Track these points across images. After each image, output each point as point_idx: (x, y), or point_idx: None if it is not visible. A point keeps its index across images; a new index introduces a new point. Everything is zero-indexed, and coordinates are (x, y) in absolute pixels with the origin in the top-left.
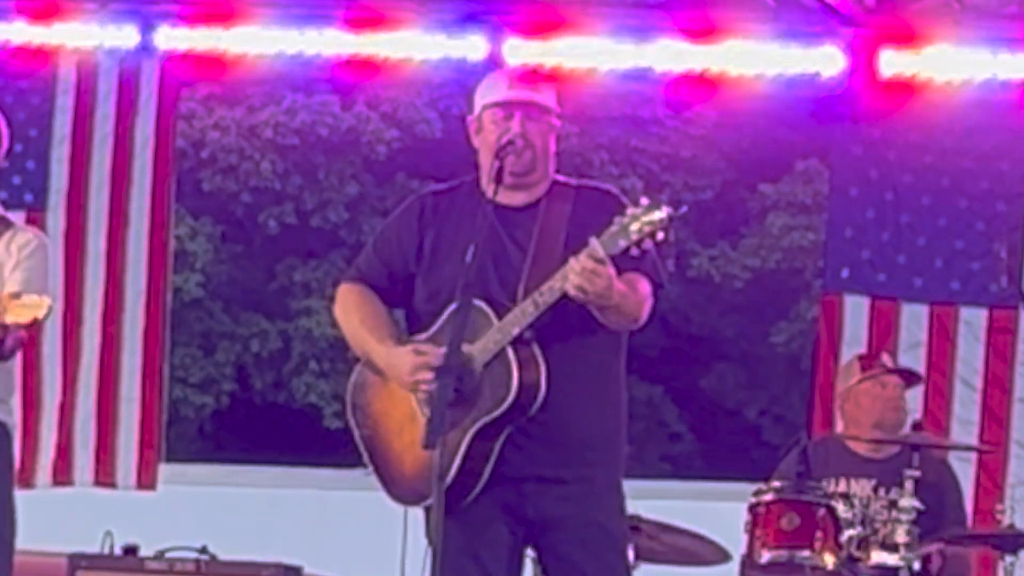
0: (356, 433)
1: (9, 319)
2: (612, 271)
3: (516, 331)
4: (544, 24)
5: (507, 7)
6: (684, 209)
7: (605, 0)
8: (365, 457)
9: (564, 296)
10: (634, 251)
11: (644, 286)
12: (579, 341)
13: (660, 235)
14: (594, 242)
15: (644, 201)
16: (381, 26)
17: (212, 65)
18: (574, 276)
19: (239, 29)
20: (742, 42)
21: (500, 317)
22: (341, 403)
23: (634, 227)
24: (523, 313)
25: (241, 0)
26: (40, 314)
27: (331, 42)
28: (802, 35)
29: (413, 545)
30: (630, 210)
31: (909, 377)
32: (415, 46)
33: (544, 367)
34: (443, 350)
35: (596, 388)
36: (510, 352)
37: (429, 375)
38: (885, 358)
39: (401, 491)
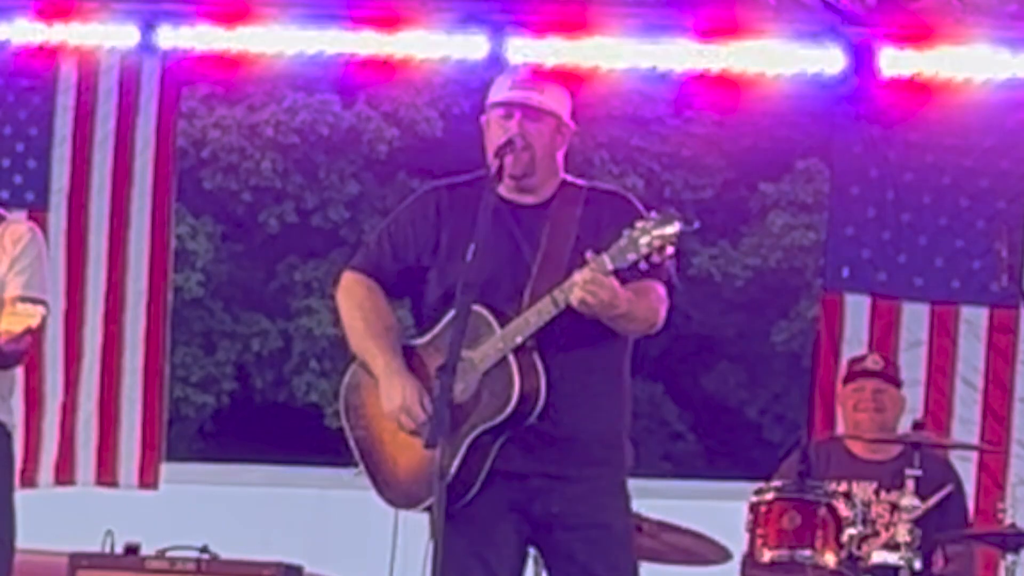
0: (349, 434)
1: (3, 327)
2: (615, 282)
3: (519, 340)
4: (551, 23)
5: (511, 6)
6: (697, 225)
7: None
8: (358, 458)
9: (569, 307)
10: (643, 265)
11: (658, 291)
12: (585, 341)
13: (670, 249)
14: (602, 256)
15: (654, 214)
16: (384, 25)
17: (213, 64)
18: (578, 289)
19: (241, 28)
20: (742, 41)
21: (502, 324)
22: None
23: (644, 240)
24: (526, 323)
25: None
26: (33, 323)
27: (333, 41)
28: (803, 34)
29: (412, 545)
30: (639, 223)
31: (890, 376)
32: (417, 45)
33: (544, 376)
34: (428, 415)
35: (601, 386)
36: (512, 360)
37: (410, 425)
38: (869, 361)
39: (394, 494)
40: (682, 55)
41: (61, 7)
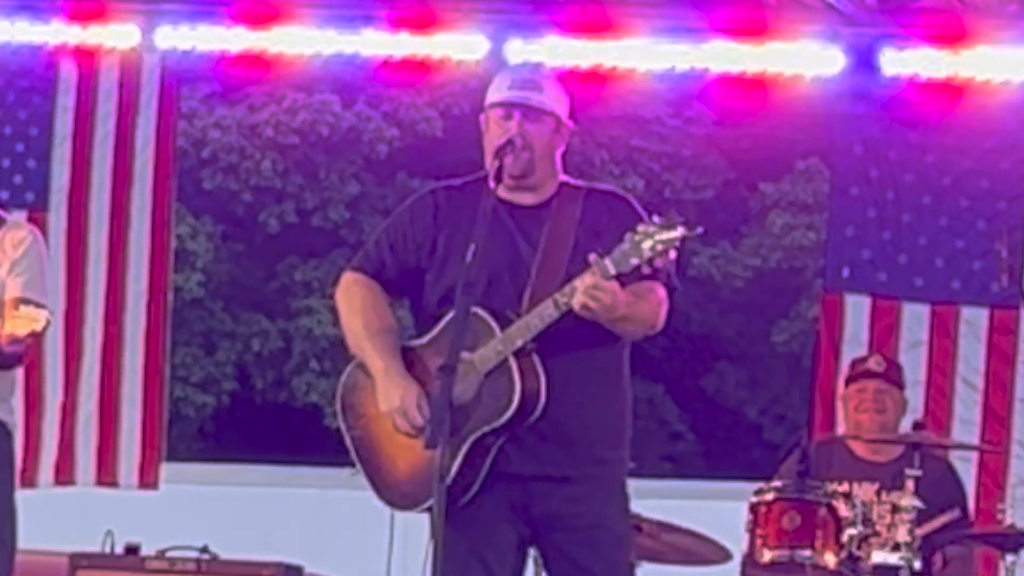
0: (346, 434)
1: (7, 330)
2: (617, 286)
3: (519, 343)
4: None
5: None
6: (700, 230)
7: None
8: (355, 458)
9: (570, 311)
10: (645, 269)
11: (659, 293)
12: (584, 343)
13: (672, 254)
14: (605, 261)
15: (656, 218)
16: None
17: (214, 64)
18: (579, 295)
19: (241, 28)
20: (743, 41)
21: (502, 326)
22: None
23: (646, 244)
24: (527, 327)
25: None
26: (38, 327)
27: (336, 41)
28: (803, 34)
29: (412, 546)
30: (641, 226)
31: (893, 377)
32: (417, 45)
33: (544, 377)
34: (426, 418)
35: (601, 387)
36: (512, 363)
37: (405, 427)
38: (872, 362)
39: (393, 495)
40: (682, 55)
41: (62, 7)
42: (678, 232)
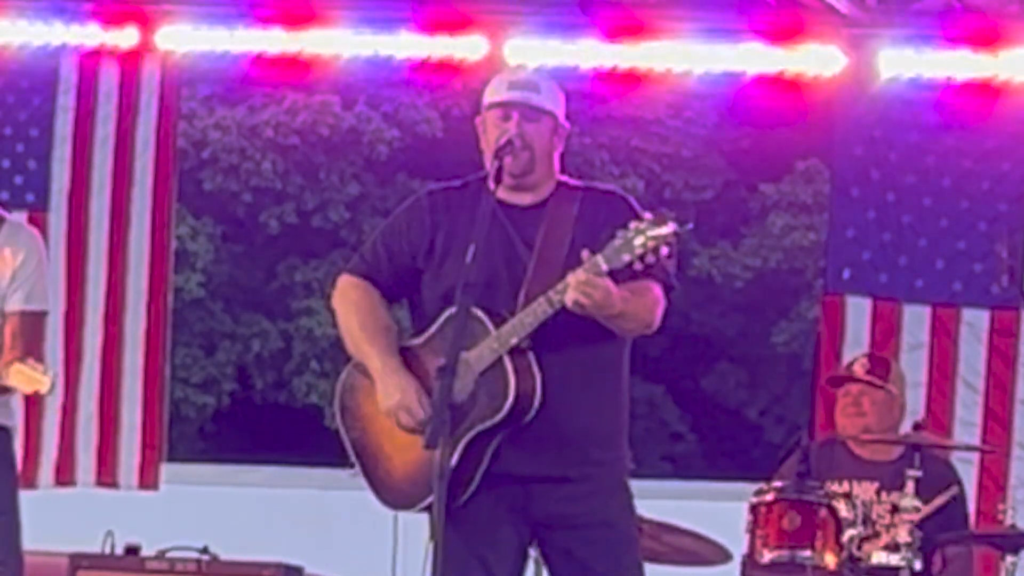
0: (345, 436)
1: (11, 382)
2: (609, 282)
3: (514, 341)
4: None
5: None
6: (691, 226)
7: (608, 0)
8: (354, 460)
9: (564, 308)
10: (638, 265)
11: (655, 291)
12: (581, 341)
13: (664, 250)
14: (596, 257)
15: (648, 215)
16: (383, 27)
17: (215, 65)
18: (571, 290)
19: (241, 29)
20: (742, 42)
21: (497, 325)
22: None
23: (638, 241)
24: (521, 324)
25: (243, 0)
26: (42, 390)
27: (335, 42)
28: (802, 35)
29: (412, 546)
30: (633, 224)
31: (875, 380)
32: (416, 46)
33: (539, 376)
34: (427, 412)
35: (599, 386)
36: (507, 362)
37: (409, 422)
38: (857, 365)
39: (391, 495)
40: (681, 55)
41: (62, 8)
42: (669, 228)
